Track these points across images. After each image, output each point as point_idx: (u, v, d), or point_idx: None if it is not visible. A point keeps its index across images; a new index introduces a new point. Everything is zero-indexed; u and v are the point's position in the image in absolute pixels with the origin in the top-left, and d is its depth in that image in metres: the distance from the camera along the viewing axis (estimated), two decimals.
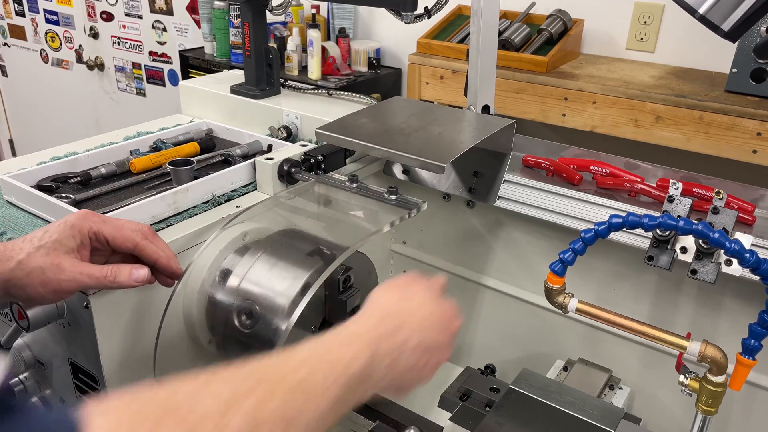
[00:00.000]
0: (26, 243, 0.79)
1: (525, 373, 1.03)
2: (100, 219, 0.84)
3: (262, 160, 1.15)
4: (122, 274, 0.81)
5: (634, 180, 1.10)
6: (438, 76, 2.00)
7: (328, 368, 0.58)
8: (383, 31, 2.62)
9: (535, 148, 1.23)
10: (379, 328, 0.67)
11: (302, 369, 0.57)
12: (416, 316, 0.71)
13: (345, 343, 0.63)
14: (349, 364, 0.60)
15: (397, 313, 0.70)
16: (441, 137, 1.09)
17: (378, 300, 0.73)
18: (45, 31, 3.80)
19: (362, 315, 0.70)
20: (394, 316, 0.69)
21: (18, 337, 0.98)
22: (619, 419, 0.94)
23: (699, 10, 0.87)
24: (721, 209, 0.94)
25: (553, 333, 1.28)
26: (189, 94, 1.53)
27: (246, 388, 0.51)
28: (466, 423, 0.98)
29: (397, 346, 0.67)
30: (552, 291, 0.90)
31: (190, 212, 1.08)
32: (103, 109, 3.75)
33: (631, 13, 2.02)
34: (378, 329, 0.66)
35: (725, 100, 1.62)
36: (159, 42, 3.29)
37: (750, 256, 0.77)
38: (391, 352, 0.66)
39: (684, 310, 1.12)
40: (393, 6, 1.23)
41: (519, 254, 1.29)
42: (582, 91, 1.77)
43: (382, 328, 0.67)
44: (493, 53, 1.22)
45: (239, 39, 2.60)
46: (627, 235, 1.03)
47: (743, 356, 0.80)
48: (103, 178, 1.19)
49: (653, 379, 1.17)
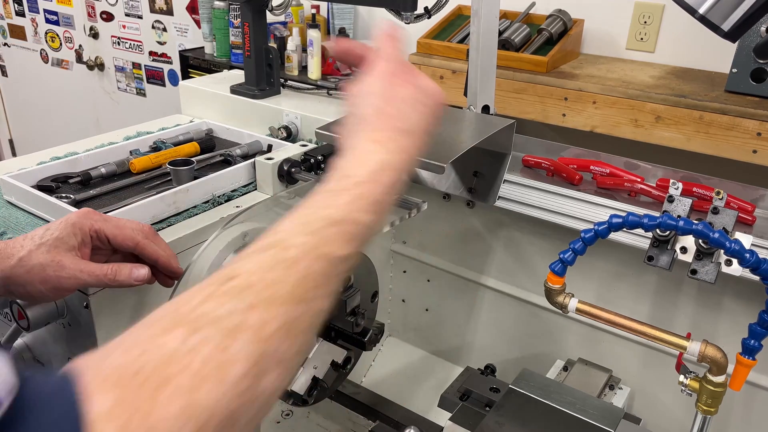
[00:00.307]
0: (27, 240, 0.79)
1: (525, 373, 1.03)
2: (102, 217, 0.84)
3: (262, 160, 1.15)
4: (123, 273, 0.81)
5: (634, 180, 1.10)
6: (438, 76, 2.00)
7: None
8: None
9: (535, 148, 1.23)
10: (374, 187, 0.58)
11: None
12: (414, 141, 0.64)
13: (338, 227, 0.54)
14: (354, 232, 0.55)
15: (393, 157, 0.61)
16: (441, 137, 1.09)
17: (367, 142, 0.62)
18: (45, 31, 3.80)
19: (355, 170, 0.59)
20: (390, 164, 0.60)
21: (18, 337, 0.98)
22: (619, 419, 0.94)
23: (699, 10, 0.86)
24: (721, 209, 0.94)
25: (553, 333, 1.28)
26: (189, 94, 1.53)
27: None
28: (466, 423, 0.98)
29: (396, 193, 0.61)
30: (552, 291, 0.90)
31: (190, 212, 1.08)
32: (103, 109, 3.75)
33: (631, 13, 2.02)
34: (373, 190, 0.58)
35: (725, 100, 1.62)
36: (159, 42, 3.29)
37: (750, 256, 0.77)
38: (393, 201, 0.60)
39: (684, 310, 1.12)
40: (393, 6, 1.23)
41: (519, 254, 1.29)
42: (582, 91, 1.77)
43: (377, 188, 0.58)
44: (493, 53, 1.22)
45: (239, 39, 2.60)
46: (627, 235, 1.03)
47: (743, 356, 0.80)
48: (103, 178, 1.19)
49: (653, 379, 1.17)
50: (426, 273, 1.44)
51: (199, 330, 0.43)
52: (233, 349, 0.43)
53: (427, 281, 1.44)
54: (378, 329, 1.02)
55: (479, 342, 1.41)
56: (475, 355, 1.42)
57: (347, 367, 0.99)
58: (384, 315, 1.51)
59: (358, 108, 0.66)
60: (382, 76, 0.67)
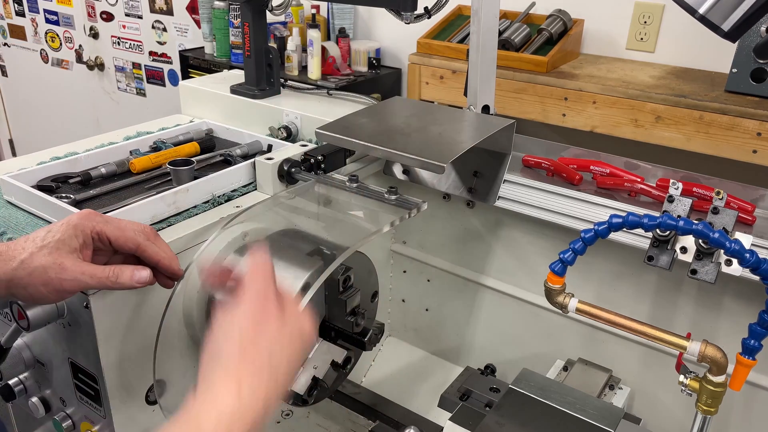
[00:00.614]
0: (29, 242, 0.79)
1: (525, 373, 1.03)
2: (103, 219, 0.84)
3: (262, 160, 1.15)
4: (124, 275, 0.81)
5: (634, 180, 1.10)
6: (438, 76, 2.00)
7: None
8: (383, 31, 2.62)
9: (535, 148, 1.23)
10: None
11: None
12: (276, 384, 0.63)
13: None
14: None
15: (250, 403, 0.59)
16: (441, 137, 1.09)
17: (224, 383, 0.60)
18: (45, 31, 3.80)
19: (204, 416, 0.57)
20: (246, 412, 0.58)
21: (18, 337, 0.98)
22: (619, 419, 0.94)
23: (699, 10, 0.87)
24: (721, 209, 0.94)
25: (553, 333, 1.28)
26: (189, 94, 1.53)
27: None
28: (466, 423, 0.98)
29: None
30: (552, 291, 0.90)
31: (190, 212, 1.08)
32: (103, 109, 3.75)
33: (631, 13, 2.02)
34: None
35: (725, 100, 1.62)
36: (159, 42, 3.29)
37: (750, 256, 0.77)
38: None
39: (684, 310, 1.12)
40: (393, 6, 1.23)
41: (519, 254, 1.29)
42: (582, 91, 1.77)
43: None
44: (493, 53, 1.22)
45: (239, 39, 2.60)
46: (627, 235, 1.03)
47: (743, 356, 0.80)
48: (103, 178, 1.19)
49: (653, 379, 1.17)
50: (426, 273, 1.44)
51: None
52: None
53: (427, 281, 1.45)
54: (378, 329, 1.02)
55: (479, 342, 1.41)
56: (475, 355, 1.42)
57: (347, 367, 0.99)
58: (384, 315, 1.51)
59: (218, 342, 0.64)
60: (250, 310, 0.66)
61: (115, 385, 0.95)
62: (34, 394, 1.05)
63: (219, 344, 0.64)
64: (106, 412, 0.96)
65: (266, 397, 0.61)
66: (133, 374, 0.97)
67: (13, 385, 1.03)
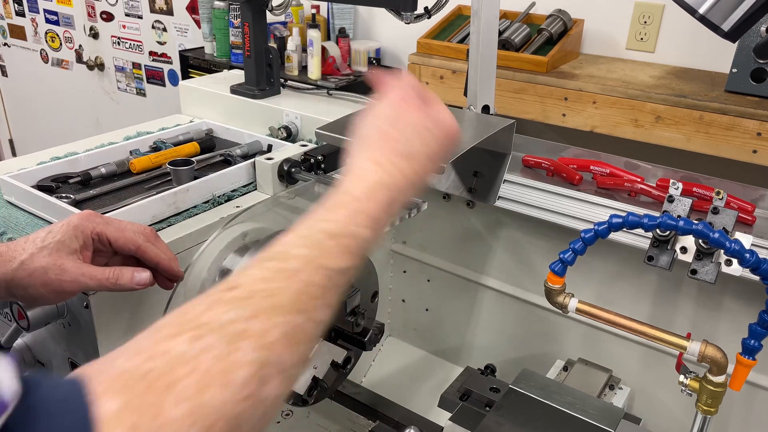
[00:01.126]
0: (29, 243, 0.79)
1: (525, 373, 1.03)
2: (103, 220, 0.84)
3: (262, 160, 1.15)
4: (124, 277, 0.81)
5: (634, 180, 1.10)
6: (438, 76, 2.00)
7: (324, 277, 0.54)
8: (383, 31, 2.62)
9: (535, 148, 1.23)
10: (370, 203, 0.60)
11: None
12: (412, 165, 0.65)
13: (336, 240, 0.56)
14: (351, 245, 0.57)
15: (390, 176, 0.63)
16: None
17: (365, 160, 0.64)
18: (45, 31, 3.80)
19: (353, 186, 0.61)
20: (387, 182, 0.62)
21: (18, 337, 0.98)
22: (619, 419, 0.94)
23: (699, 10, 0.87)
24: (721, 209, 0.94)
25: (553, 333, 1.28)
26: (189, 94, 1.53)
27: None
28: (466, 423, 0.98)
29: (393, 213, 0.63)
30: (552, 291, 0.90)
31: (190, 212, 1.08)
32: (103, 109, 3.75)
33: (631, 13, 2.02)
34: (370, 206, 0.60)
35: (725, 100, 1.62)
36: (159, 42, 3.29)
37: (750, 256, 0.77)
38: (390, 219, 0.63)
39: (684, 310, 1.12)
40: (393, 6, 1.23)
41: (519, 254, 1.29)
42: (582, 91, 1.77)
43: (374, 205, 0.60)
44: (493, 53, 1.22)
45: (239, 39, 2.60)
46: (627, 235, 1.03)
47: (743, 356, 0.80)
48: (103, 178, 1.19)
49: (653, 379, 1.17)
50: (426, 273, 1.44)
51: (203, 336, 0.44)
52: (237, 355, 0.44)
53: (427, 281, 1.44)
54: (378, 329, 1.02)
55: (479, 342, 1.41)
56: (475, 355, 1.42)
57: (347, 367, 0.99)
58: (384, 315, 1.51)
59: (363, 129, 0.68)
60: (391, 101, 0.69)
61: None
62: None
63: (367, 130, 0.68)
64: None
65: (404, 174, 0.64)
66: None
67: None
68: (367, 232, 0.59)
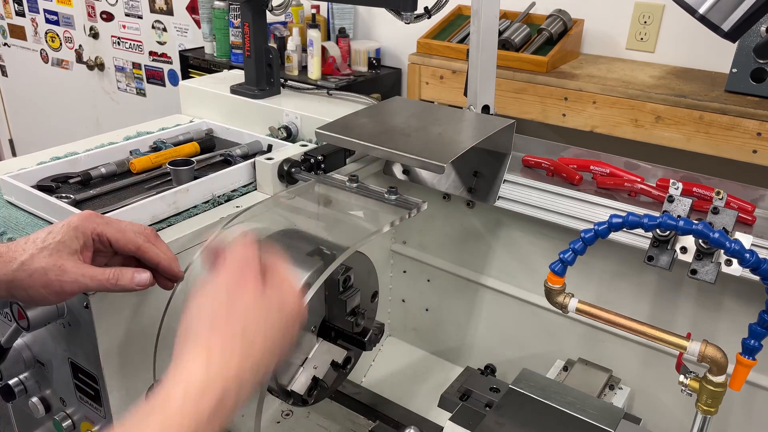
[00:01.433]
0: (29, 244, 0.79)
1: (525, 373, 1.03)
2: (104, 221, 0.84)
3: (262, 160, 1.15)
4: (124, 278, 0.81)
5: (634, 180, 1.10)
6: (438, 76, 2.00)
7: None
8: (383, 31, 2.62)
9: (535, 148, 1.23)
10: (197, 409, 0.55)
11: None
12: (250, 353, 0.60)
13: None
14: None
15: (221, 372, 0.57)
16: (441, 137, 1.09)
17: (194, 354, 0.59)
18: (45, 31, 3.80)
19: (174, 389, 0.56)
20: (217, 380, 0.57)
21: (18, 337, 0.98)
22: (619, 419, 0.94)
23: (699, 10, 0.87)
24: (721, 209, 0.94)
25: (553, 333, 1.28)
26: (189, 94, 1.53)
27: None
28: (466, 423, 0.98)
29: (226, 411, 0.56)
30: (552, 291, 0.90)
31: (190, 212, 1.08)
32: (103, 109, 3.75)
33: (631, 13, 2.02)
34: (197, 411, 0.55)
35: (725, 100, 1.62)
36: (159, 42, 3.29)
37: (750, 256, 0.77)
38: (222, 416, 0.56)
39: (684, 310, 1.12)
40: (393, 6, 1.23)
41: (519, 254, 1.29)
42: (582, 91, 1.77)
43: (201, 408, 0.55)
44: (493, 53, 1.22)
45: (239, 39, 2.60)
46: (627, 235, 1.03)
47: (743, 356, 0.80)
48: (103, 178, 1.19)
49: (653, 379, 1.17)
50: (426, 273, 1.44)
51: None
52: None
53: (427, 281, 1.45)
54: (378, 329, 1.02)
55: (479, 342, 1.41)
56: (475, 355, 1.42)
57: (347, 367, 0.99)
58: (384, 315, 1.51)
59: (190, 314, 0.63)
60: (224, 280, 0.65)
61: (115, 386, 0.95)
62: (34, 394, 1.05)
63: (191, 317, 0.63)
64: (106, 412, 0.96)
65: (239, 368, 0.59)
66: (133, 374, 0.97)
67: (13, 385, 1.03)
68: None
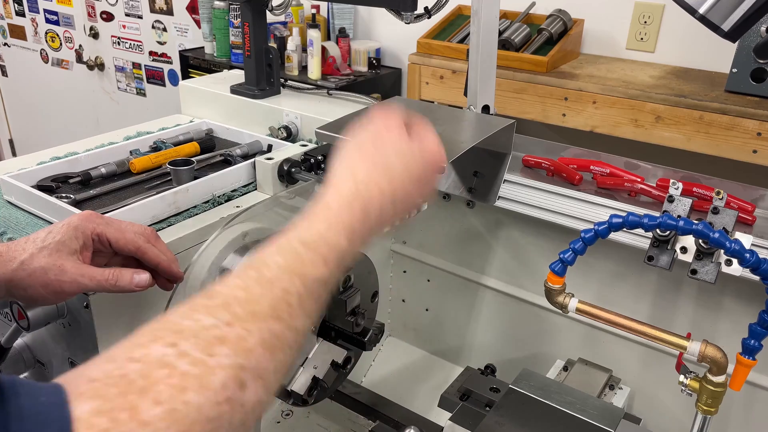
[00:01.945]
0: (29, 243, 0.79)
1: (525, 373, 1.03)
2: (104, 221, 0.84)
3: (262, 160, 1.15)
4: (124, 279, 0.81)
5: (634, 180, 1.10)
6: (438, 76, 2.00)
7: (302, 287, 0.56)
8: (383, 31, 2.62)
9: (535, 148, 1.23)
10: (351, 212, 0.63)
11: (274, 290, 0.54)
12: (390, 181, 0.67)
13: (311, 249, 0.58)
14: (328, 256, 0.59)
15: (365, 188, 0.65)
16: (441, 137, 1.08)
17: (343, 174, 0.67)
18: (45, 31, 3.80)
19: (329, 198, 0.64)
20: (362, 194, 0.64)
21: (18, 337, 0.97)
22: (619, 419, 0.94)
23: (699, 10, 0.86)
24: (721, 209, 0.94)
25: (553, 333, 1.28)
26: (189, 94, 1.53)
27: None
28: (466, 423, 0.98)
29: (370, 226, 0.65)
30: (552, 291, 0.90)
31: (190, 212, 1.08)
32: (103, 109, 3.75)
33: (631, 13, 2.02)
34: (350, 214, 0.62)
35: (725, 100, 1.62)
36: (159, 42, 3.29)
37: (750, 256, 0.77)
38: (366, 232, 0.64)
39: (684, 310, 1.12)
40: (393, 6, 1.23)
41: (519, 254, 1.29)
42: (582, 91, 1.77)
43: (353, 212, 0.63)
44: (493, 53, 1.22)
45: (239, 39, 2.60)
46: (627, 235, 1.03)
47: (743, 356, 0.80)
48: (103, 178, 1.19)
49: (653, 379, 1.17)
50: (426, 273, 1.44)
51: (182, 341, 0.45)
52: (214, 359, 0.45)
53: (427, 281, 1.44)
54: (378, 329, 1.02)
55: (479, 342, 1.41)
56: (475, 355, 1.42)
57: (347, 367, 0.99)
58: (384, 315, 1.51)
59: (343, 147, 0.71)
60: (374, 125, 0.72)
61: None
62: None
63: (343, 150, 0.70)
64: None
65: (380, 190, 0.65)
66: None
67: None
68: (343, 242, 0.60)
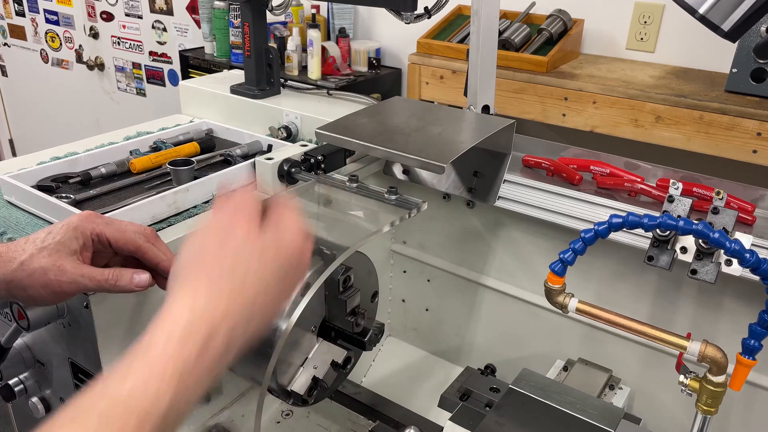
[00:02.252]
0: (29, 244, 0.79)
1: (525, 373, 1.03)
2: (103, 221, 0.84)
3: (262, 160, 1.15)
4: (124, 279, 0.80)
5: (634, 180, 1.10)
6: (438, 76, 2.00)
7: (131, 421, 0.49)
8: (383, 31, 2.62)
9: (535, 148, 1.23)
10: (182, 352, 0.52)
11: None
12: (242, 291, 0.58)
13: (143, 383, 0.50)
14: (150, 411, 0.49)
15: (208, 315, 0.55)
16: (441, 137, 1.09)
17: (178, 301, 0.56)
18: (45, 31, 3.80)
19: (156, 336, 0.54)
20: (200, 325, 0.54)
21: (18, 337, 0.98)
22: (619, 419, 0.94)
23: (699, 10, 0.87)
24: (721, 209, 0.94)
25: (553, 333, 1.28)
26: (189, 94, 1.53)
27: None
28: (466, 423, 0.98)
29: (215, 355, 0.54)
30: (552, 291, 0.90)
31: (190, 212, 1.08)
32: (103, 109, 3.75)
33: (631, 13, 2.02)
34: (181, 354, 0.52)
35: (725, 100, 1.62)
36: (159, 42, 3.29)
37: (750, 256, 0.77)
38: (213, 363, 0.54)
39: (684, 310, 1.12)
40: (393, 6, 1.23)
41: (519, 254, 1.29)
42: (582, 91, 1.77)
43: (186, 351, 0.52)
44: (493, 53, 1.22)
45: (239, 39, 2.60)
46: (627, 235, 1.03)
47: (743, 356, 0.80)
48: (103, 178, 1.19)
49: (653, 379, 1.17)
50: (426, 273, 1.44)
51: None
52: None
53: (427, 281, 1.45)
54: (378, 329, 1.02)
55: (479, 342, 1.41)
56: (475, 355, 1.42)
57: (347, 367, 0.99)
58: (384, 315, 1.51)
59: (181, 257, 0.62)
60: (218, 221, 0.63)
61: None
62: (34, 394, 1.05)
63: (181, 260, 0.61)
64: None
65: (227, 308, 0.56)
66: None
67: (13, 385, 1.03)
68: (166, 394, 0.50)
